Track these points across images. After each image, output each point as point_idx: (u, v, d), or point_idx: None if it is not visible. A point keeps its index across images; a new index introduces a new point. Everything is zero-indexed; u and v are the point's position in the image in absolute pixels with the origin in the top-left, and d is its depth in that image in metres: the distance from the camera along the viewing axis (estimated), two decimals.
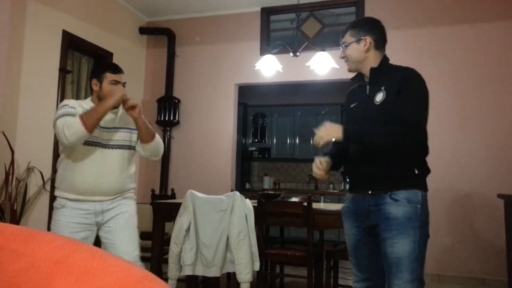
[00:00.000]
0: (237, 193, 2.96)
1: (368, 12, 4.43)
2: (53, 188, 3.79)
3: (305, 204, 2.85)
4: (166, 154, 4.97)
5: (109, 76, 2.15)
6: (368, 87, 1.81)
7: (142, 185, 5.07)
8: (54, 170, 3.80)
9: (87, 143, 2.06)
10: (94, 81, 2.16)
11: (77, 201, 2.07)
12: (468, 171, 3.98)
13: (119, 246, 2.11)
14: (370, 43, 1.78)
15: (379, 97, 1.73)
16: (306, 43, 3.80)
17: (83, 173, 2.06)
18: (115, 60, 4.62)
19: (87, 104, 2.16)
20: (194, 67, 5.04)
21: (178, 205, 2.98)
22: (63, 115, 1.99)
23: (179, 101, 4.97)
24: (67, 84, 4.13)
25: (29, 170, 3.53)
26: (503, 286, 3.51)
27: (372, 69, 1.79)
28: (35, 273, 0.78)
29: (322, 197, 6.16)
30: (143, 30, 5.15)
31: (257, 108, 6.96)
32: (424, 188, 1.73)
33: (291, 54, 3.71)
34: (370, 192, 1.75)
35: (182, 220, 2.84)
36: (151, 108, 5.05)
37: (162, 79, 5.05)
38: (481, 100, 4.03)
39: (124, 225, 2.16)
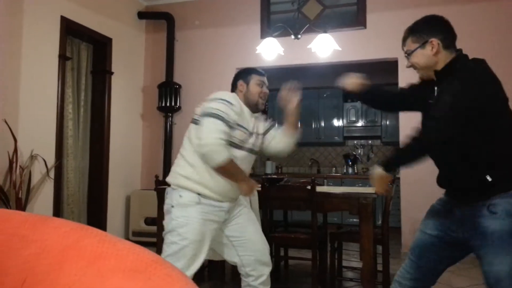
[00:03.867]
0: None
1: None
2: (58, 176, 3.81)
3: (308, 187, 2.86)
4: (168, 140, 4.97)
5: (255, 78, 2.12)
6: (436, 88, 1.65)
7: (146, 172, 5.09)
8: (58, 157, 3.81)
9: (232, 144, 1.98)
10: (241, 82, 2.12)
11: (213, 199, 1.99)
12: None
13: (253, 240, 2.11)
14: (438, 44, 1.59)
15: None
16: (308, 25, 3.75)
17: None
18: (115, 45, 4.59)
19: (240, 102, 2.07)
20: (194, 52, 5.00)
21: None
22: (219, 118, 1.89)
23: (179, 86, 4.94)
24: (67, 71, 4.11)
25: (33, 158, 3.54)
26: None
27: (436, 73, 1.63)
28: (46, 258, 0.78)
29: (325, 180, 6.19)
30: (142, 15, 5.09)
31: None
32: None
33: (292, 36, 3.66)
34: (464, 203, 1.61)
35: None
36: (152, 94, 5.03)
37: (162, 64, 5.01)
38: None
39: (250, 220, 2.17)
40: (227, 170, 1.91)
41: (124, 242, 0.83)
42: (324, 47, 3.44)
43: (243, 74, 2.14)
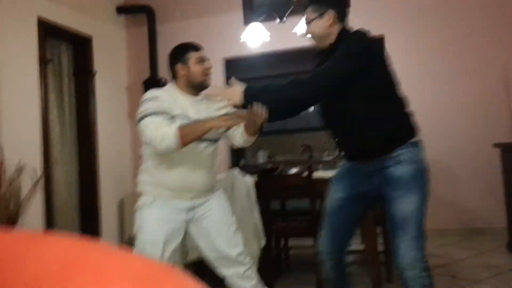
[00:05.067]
0: (236, 170, 2.92)
1: None
2: (47, 186, 3.70)
3: (305, 175, 2.83)
4: None
5: (194, 55, 1.99)
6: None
7: (136, 173, 4.98)
8: (46, 166, 3.70)
9: None
10: (180, 65, 1.99)
11: (167, 199, 1.97)
12: (460, 125, 4.03)
13: (216, 244, 2.01)
14: (334, 16, 1.74)
15: None
16: (292, 7, 3.67)
17: (175, 170, 1.95)
18: (95, 44, 4.45)
19: (173, 92, 1.99)
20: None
21: None
22: (151, 114, 1.83)
23: (166, 81, 4.83)
24: (49, 74, 3.98)
25: (19, 168, 3.41)
26: (503, 233, 3.55)
27: (330, 45, 1.76)
28: (48, 278, 0.73)
29: (319, 165, 6.17)
30: (121, 10, 4.93)
31: (245, 81, 6.83)
32: (420, 145, 1.78)
33: (278, 20, 3.58)
34: (370, 160, 1.76)
35: None
36: (138, 91, 4.90)
37: (145, 60, 4.89)
38: (465, 53, 4.02)
39: (218, 222, 2.05)
40: (186, 137, 1.77)
41: (129, 252, 0.78)
42: None
43: (179, 56, 2.00)
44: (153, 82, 4.77)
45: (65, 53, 4.29)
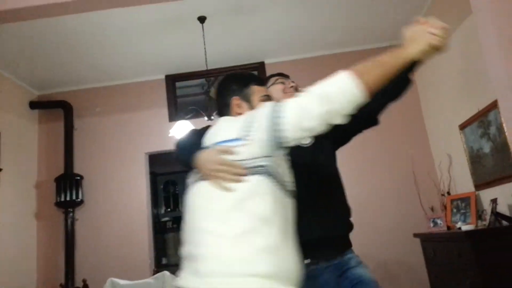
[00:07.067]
0: (166, 272, 2.68)
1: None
2: None
3: None
4: (70, 239, 4.38)
5: (258, 91, 1.40)
6: None
7: (42, 280, 4.34)
8: None
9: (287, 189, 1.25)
10: (237, 99, 1.37)
11: None
12: (379, 218, 4.09)
13: None
14: None
15: None
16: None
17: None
18: (4, 139, 4.07)
19: None
20: (97, 139, 4.67)
21: None
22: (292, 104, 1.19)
23: (81, 177, 4.51)
24: None
25: None
26: None
27: None
28: None
29: None
30: (34, 105, 4.68)
31: (168, 176, 6.68)
32: None
33: (206, 118, 3.67)
34: (337, 256, 1.52)
35: None
36: (48, 189, 4.48)
37: (59, 155, 4.56)
38: (377, 149, 4.25)
39: None
40: (367, 74, 1.14)
41: None
42: None
43: (237, 86, 1.40)
44: (67, 178, 4.43)
45: None
